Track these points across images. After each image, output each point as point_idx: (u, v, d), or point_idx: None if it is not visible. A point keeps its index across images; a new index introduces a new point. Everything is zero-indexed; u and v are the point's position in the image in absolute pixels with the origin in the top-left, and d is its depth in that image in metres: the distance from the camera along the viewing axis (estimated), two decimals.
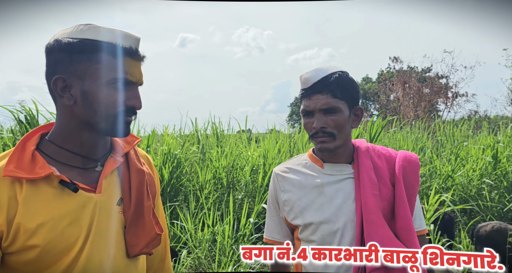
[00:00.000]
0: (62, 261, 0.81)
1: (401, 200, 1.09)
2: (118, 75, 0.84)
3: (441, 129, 6.13)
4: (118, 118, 0.86)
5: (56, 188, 0.83)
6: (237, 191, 4.20)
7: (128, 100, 0.87)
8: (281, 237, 1.23)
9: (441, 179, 4.28)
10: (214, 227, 3.32)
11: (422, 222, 1.17)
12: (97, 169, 0.91)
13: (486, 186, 4.09)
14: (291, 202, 1.16)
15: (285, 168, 1.22)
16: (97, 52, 0.83)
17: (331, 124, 1.10)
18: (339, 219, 1.10)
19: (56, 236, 0.80)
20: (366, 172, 1.12)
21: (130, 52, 0.86)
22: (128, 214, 0.91)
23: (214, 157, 4.42)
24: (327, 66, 1.15)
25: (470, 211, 4.18)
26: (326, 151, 1.13)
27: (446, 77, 13.63)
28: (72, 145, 0.89)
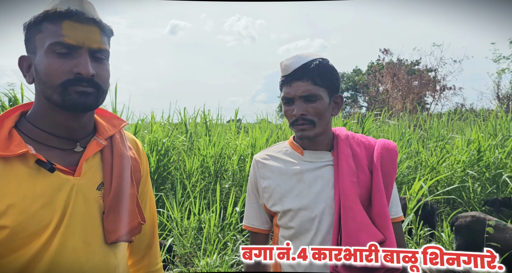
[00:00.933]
0: (33, 245, 0.78)
1: (378, 187, 1.11)
2: (53, 40, 0.79)
3: (428, 121, 6.21)
4: (68, 88, 0.79)
5: (32, 168, 0.80)
6: (224, 180, 4.21)
7: (74, 68, 0.79)
8: (260, 224, 1.23)
9: (426, 170, 4.35)
10: (200, 215, 3.32)
11: (399, 209, 1.19)
12: (76, 150, 0.87)
13: (470, 178, 4.18)
14: (270, 189, 1.17)
15: (266, 155, 1.23)
16: (39, 23, 0.81)
17: (311, 111, 1.09)
18: (317, 205, 1.10)
19: (27, 218, 0.77)
20: (345, 159, 1.13)
21: (68, 14, 0.80)
22: (107, 199, 0.87)
23: (202, 146, 4.40)
24: (307, 53, 1.14)
25: (453, 202, 4.27)
26: (306, 138, 1.13)
27: (435, 70, 13.77)
28: (46, 125, 0.85)
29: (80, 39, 0.81)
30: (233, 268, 2.82)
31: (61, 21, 0.80)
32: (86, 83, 0.80)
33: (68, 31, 0.80)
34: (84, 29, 0.81)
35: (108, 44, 0.87)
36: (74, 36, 0.80)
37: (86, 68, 0.80)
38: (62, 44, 0.79)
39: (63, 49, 0.79)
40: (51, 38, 0.79)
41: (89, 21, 0.82)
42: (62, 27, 0.79)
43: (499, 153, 4.35)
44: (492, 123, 5.16)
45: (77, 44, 0.80)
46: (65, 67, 0.79)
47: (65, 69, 0.79)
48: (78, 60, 0.80)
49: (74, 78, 0.79)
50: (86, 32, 0.82)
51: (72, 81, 0.79)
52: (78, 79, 0.80)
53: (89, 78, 0.80)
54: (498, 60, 12.42)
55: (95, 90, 0.82)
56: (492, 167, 4.28)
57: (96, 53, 0.83)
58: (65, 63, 0.79)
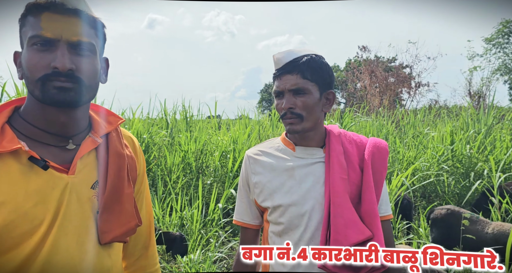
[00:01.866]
0: (25, 245, 0.76)
1: (368, 185, 1.12)
2: (31, 33, 0.76)
3: (405, 117, 6.38)
4: (47, 84, 0.76)
5: (24, 165, 0.77)
6: (206, 176, 4.18)
7: (52, 61, 0.76)
8: (250, 219, 1.24)
9: (403, 165, 4.48)
10: (182, 212, 3.30)
11: (388, 208, 1.21)
12: (68, 147, 0.84)
13: (444, 172, 4.33)
14: (261, 184, 1.17)
15: (258, 151, 1.23)
16: (24, 17, 0.79)
17: (300, 105, 1.10)
18: (307, 201, 1.11)
19: (18, 217, 0.75)
20: (336, 157, 1.14)
21: (47, 6, 0.77)
22: (102, 198, 0.85)
23: (183, 141, 4.36)
24: (301, 49, 1.15)
25: (429, 195, 4.42)
26: (294, 132, 1.13)
27: (410, 67, 14.13)
28: (38, 120, 0.82)
29: (58, 32, 0.77)
30: (215, 264, 2.82)
31: (41, 13, 0.77)
32: (64, 78, 0.77)
33: (46, 24, 0.76)
34: (63, 21, 0.78)
35: (94, 37, 0.82)
36: (51, 29, 0.76)
37: (62, 62, 0.76)
38: (40, 37, 0.76)
39: (42, 42, 0.76)
40: (31, 31, 0.77)
41: (69, 12, 0.78)
42: (41, 19, 0.76)
43: (470, 148, 4.53)
44: (464, 119, 5.36)
45: (55, 37, 0.77)
46: (44, 61, 0.76)
47: (43, 64, 0.76)
48: (55, 54, 0.76)
49: (51, 73, 0.76)
50: (65, 24, 0.78)
51: (50, 76, 0.76)
52: (56, 74, 0.76)
53: (67, 72, 0.77)
54: (472, 58, 12.88)
55: (76, 85, 0.78)
56: (464, 161, 4.45)
57: (76, 46, 0.79)
58: (44, 57, 0.76)
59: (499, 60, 15.29)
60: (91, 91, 0.83)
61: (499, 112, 5.66)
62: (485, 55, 14.83)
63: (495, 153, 4.44)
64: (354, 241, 1.06)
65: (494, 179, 3.47)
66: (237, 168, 4.00)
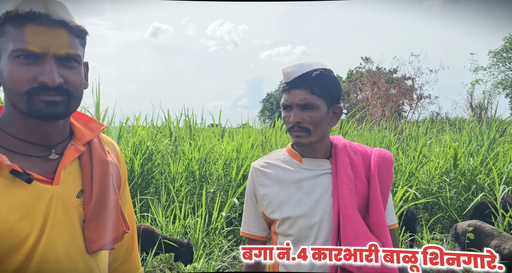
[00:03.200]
0: (13, 259, 0.73)
1: (375, 196, 1.14)
2: (16, 46, 0.72)
3: (407, 129, 6.40)
4: (34, 98, 0.73)
5: (7, 178, 0.74)
6: (209, 185, 4.19)
7: (39, 76, 0.73)
8: (258, 231, 1.24)
9: (405, 176, 4.48)
10: (185, 220, 3.30)
11: (393, 217, 1.23)
12: (51, 157, 0.82)
13: (447, 185, 4.33)
14: (269, 197, 1.18)
15: (264, 163, 1.24)
16: (2, 25, 0.74)
17: (307, 120, 1.11)
18: (316, 213, 1.12)
19: (4, 232, 0.72)
20: (343, 168, 1.15)
21: (31, 17, 0.72)
22: (88, 207, 0.82)
23: (186, 150, 4.38)
24: (310, 63, 1.16)
25: (431, 208, 4.41)
26: (301, 145, 1.15)
27: (412, 79, 14.20)
28: (17, 131, 0.79)
29: (45, 46, 0.73)
30: None
31: (23, 24, 0.73)
32: (54, 92, 0.74)
33: (32, 37, 0.73)
34: (50, 33, 0.74)
35: (79, 47, 0.80)
36: (38, 43, 0.73)
37: (51, 77, 0.73)
38: (25, 51, 0.73)
39: (26, 56, 0.73)
40: (13, 43, 0.73)
41: (55, 23, 0.74)
42: (24, 31, 0.72)
43: (474, 161, 4.54)
44: (467, 131, 5.38)
45: (42, 52, 0.73)
46: (29, 74, 0.73)
47: (29, 77, 0.73)
48: (43, 68, 0.73)
49: (39, 87, 0.73)
50: (52, 37, 0.74)
51: (37, 90, 0.73)
52: (44, 88, 0.73)
53: (56, 87, 0.74)
54: (476, 71, 12.93)
55: (64, 98, 0.76)
56: (467, 174, 4.46)
57: (64, 59, 0.76)
58: (29, 70, 0.73)
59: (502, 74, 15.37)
60: (78, 101, 0.81)
61: (501, 126, 5.68)
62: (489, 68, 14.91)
63: (498, 165, 4.45)
64: None
65: (497, 191, 3.47)
66: (241, 177, 4.01)
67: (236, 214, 3.64)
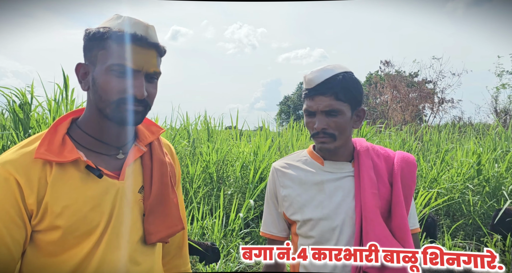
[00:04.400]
0: (85, 244, 0.84)
1: (398, 199, 1.13)
2: (115, 61, 0.83)
3: (428, 133, 6.26)
4: (121, 106, 0.85)
5: (82, 172, 0.85)
6: (226, 187, 4.21)
7: (130, 89, 0.84)
8: (278, 231, 1.24)
9: (426, 182, 4.38)
10: (203, 221, 3.32)
11: (416, 221, 1.21)
12: (118, 156, 0.93)
13: (470, 191, 4.21)
14: (290, 198, 1.18)
15: (285, 164, 1.24)
16: (104, 39, 0.84)
17: (333, 125, 1.10)
18: (338, 216, 1.12)
19: (79, 219, 0.83)
20: (366, 171, 1.14)
21: (134, 38, 0.84)
22: (147, 202, 0.92)
23: (204, 151, 4.41)
24: (332, 67, 1.14)
25: (453, 214, 4.30)
26: (327, 151, 1.14)
27: (434, 83, 13.90)
28: (94, 131, 0.90)
29: (140, 64, 0.85)
30: None
31: (125, 43, 0.84)
32: (138, 103, 0.86)
33: (131, 55, 0.84)
34: (145, 54, 0.86)
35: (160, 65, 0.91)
36: (135, 61, 0.84)
37: (141, 91, 0.85)
38: (124, 67, 0.84)
39: (124, 71, 0.84)
40: (113, 58, 0.84)
41: (150, 46, 0.86)
42: (125, 50, 0.84)
43: (499, 167, 4.40)
44: (491, 137, 5.21)
45: (137, 69, 0.85)
46: (121, 86, 0.84)
47: (121, 89, 0.84)
48: (134, 82, 0.85)
49: (127, 98, 0.85)
50: (146, 57, 0.86)
51: (125, 100, 0.85)
52: (131, 99, 0.85)
53: (141, 99, 0.86)
54: (501, 75, 12.51)
55: (144, 108, 0.88)
56: (492, 181, 4.32)
57: (150, 76, 0.88)
58: (122, 83, 0.84)
59: None
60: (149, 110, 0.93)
61: None
62: None
63: None
64: None
65: None
66: (258, 179, 4.02)
67: (254, 216, 3.64)
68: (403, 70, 15.49)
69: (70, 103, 3.44)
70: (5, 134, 3.20)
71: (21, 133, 3.12)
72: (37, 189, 0.81)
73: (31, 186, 0.80)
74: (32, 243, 0.84)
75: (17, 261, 0.83)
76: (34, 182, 0.81)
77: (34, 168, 0.82)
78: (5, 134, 3.20)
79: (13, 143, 3.18)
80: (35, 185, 0.81)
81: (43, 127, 3.24)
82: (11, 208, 0.79)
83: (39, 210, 0.81)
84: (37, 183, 0.81)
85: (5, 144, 3.17)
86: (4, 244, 0.79)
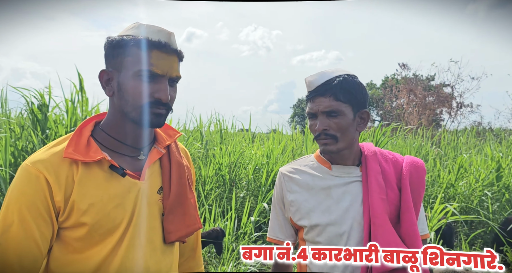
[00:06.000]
0: (108, 241, 0.88)
1: (407, 205, 1.11)
2: (142, 67, 0.88)
3: (445, 138, 6.13)
4: (146, 110, 0.89)
5: (106, 172, 0.90)
6: (238, 189, 4.21)
7: (155, 93, 0.89)
8: (285, 237, 1.23)
9: (443, 187, 4.28)
10: (215, 224, 3.32)
11: (425, 227, 1.19)
12: (139, 158, 0.97)
13: (488, 198, 4.09)
14: (297, 203, 1.17)
15: (292, 168, 1.23)
16: (129, 47, 0.89)
17: (334, 127, 1.10)
18: (345, 221, 1.11)
19: (104, 216, 0.87)
20: (374, 176, 1.13)
21: (158, 45, 0.89)
22: (166, 202, 0.96)
23: (217, 154, 4.43)
24: (332, 70, 1.15)
25: (471, 222, 4.18)
26: (329, 152, 1.14)
27: (452, 86, 13.62)
28: (118, 134, 0.95)
29: (165, 69, 0.90)
30: None
31: (150, 50, 0.89)
32: (162, 106, 0.91)
33: (156, 61, 0.89)
34: (168, 59, 0.91)
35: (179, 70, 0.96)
36: (161, 66, 0.89)
37: (166, 95, 0.90)
38: (150, 72, 0.88)
39: (150, 76, 0.89)
40: (140, 64, 0.88)
41: (173, 52, 0.92)
42: (151, 56, 0.88)
43: None
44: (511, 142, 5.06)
45: (162, 74, 0.90)
46: (147, 91, 0.89)
47: (147, 93, 0.89)
48: (159, 86, 0.89)
49: (153, 102, 0.89)
50: (170, 63, 0.91)
51: (151, 104, 0.89)
52: (156, 103, 0.90)
53: (166, 102, 0.91)
54: None
55: (166, 111, 0.93)
56: None
57: (173, 80, 0.93)
58: (149, 87, 0.89)
59: None
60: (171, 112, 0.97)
61: None
62: None
63: None
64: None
65: None
66: (271, 182, 4.00)
67: (265, 219, 3.62)
68: (420, 73, 15.24)
69: (85, 104, 3.50)
70: (24, 134, 3.28)
71: (39, 134, 3.19)
72: (65, 187, 0.85)
73: (59, 184, 0.85)
74: (59, 239, 0.88)
75: (44, 257, 0.86)
76: (62, 180, 0.85)
77: (62, 167, 0.86)
78: (24, 135, 3.28)
79: (31, 143, 3.26)
80: (63, 183, 0.85)
81: (60, 128, 3.31)
82: (40, 205, 0.84)
83: (66, 207, 0.85)
84: (64, 181, 0.85)
85: (24, 144, 3.25)
86: (33, 239, 0.83)
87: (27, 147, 3.28)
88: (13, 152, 3.12)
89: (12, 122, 3.47)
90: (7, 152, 2.92)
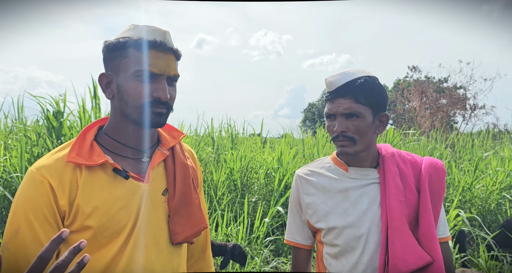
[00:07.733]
0: (114, 243, 0.88)
1: (425, 207, 1.08)
2: (140, 67, 0.88)
3: (460, 141, 6.02)
4: (146, 109, 0.89)
5: (110, 175, 0.90)
6: (250, 194, 4.20)
7: (154, 92, 0.89)
8: (303, 239, 1.22)
9: (458, 191, 4.19)
10: (227, 228, 3.32)
11: (446, 229, 1.16)
12: (143, 160, 0.97)
13: (508, 201, 3.98)
14: (314, 205, 1.16)
15: (308, 171, 1.22)
16: (125, 48, 0.89)
17: (352, 129, 1.09)
18: (363, 223, 1.09)
19: (108, 219, 0.87)
20: (392, 178, 1.11)
21: (154, 45, 0.89)
22: (172, 204, 0.96)
23: (228, 159, 4.43)
24: (354, 71, 1.13)
25: (489, 225, 4.08)
26: (346, 154, 1.12)
27: (464, 88, 13.40)
28: (120, 136, 0.95)
29: (162, 68, 0.90)
30: None
31: (145, 50, 0.89)
32: (162, 106, 0.91)
33: (153, 61, 0.89)
34: (165, 59, 0.91)
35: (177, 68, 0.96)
36: (158, 66, 0.89)
37: (165, 94, 0.90)
38: (148, 72, 0.89)
39: (147, 76, 0.89)
40: (137, 65, 0.89)
41: (169, 51, 0.91)
42: (148, 56, 0.89)
43: None
44: None
45: (160, 73, 0.90)
46: (146, 90, 0.89)
47: (146, 93, 0.89)
48: (157, 86, 0.89)
49: (153, 101, 0.89)
50: (167, 61, 0.91)
51: (151, 103, 0.89)
52: (156, 102, 0.90)
53: (165, 101, 0.90)
54: None
55: (167, 110, 0.92)
56: None
57: (172, 79, 0.93)
58: (148, 87, 0.89)
59: None
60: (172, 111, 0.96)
61: None
62: None
63: None
64: (413, 267, 1.02)
65: None
66: (283, 187, 3.98)
67: (278, 223, 3.60)
68: (432, 75, 15.04)
69: (98, 112, 3.56)
70: (40, 141, 3.34)
71: (54, 140, 3.25)
72: (69, 191, 0.86)
73: (63, 188, 0.85)
74: (66, 243, 0.88)
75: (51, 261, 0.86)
76: (66, 184, 0.86)
77: (66, 171, 0.87)
78: (40, 142, 3.35)
79: (47, 149, 3.32)
80: (67, 188, 0.86)
81: (74, 134, 3.37)
82: (46, 210, 0.84)
83: (71, 211, 0.86)
84: (68, 185, 0.86)
85: (39, 151, 3.31)
86: (39, 243, 0.83)
87: (43, 153, 3.34)
88: (29, 159, 3.19)
89: (28, 129, 3.55)
90: (23, 158, 2.98)
